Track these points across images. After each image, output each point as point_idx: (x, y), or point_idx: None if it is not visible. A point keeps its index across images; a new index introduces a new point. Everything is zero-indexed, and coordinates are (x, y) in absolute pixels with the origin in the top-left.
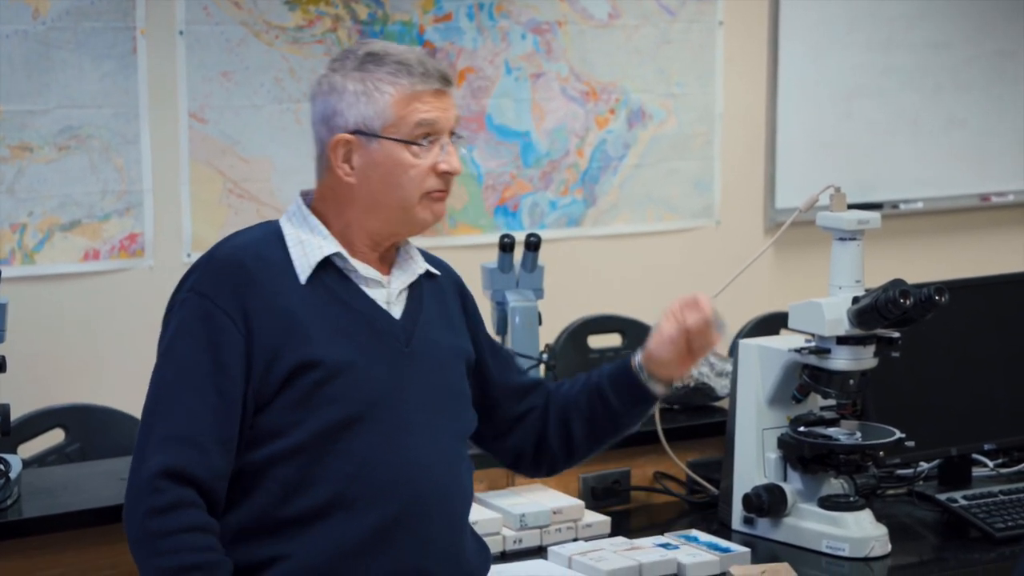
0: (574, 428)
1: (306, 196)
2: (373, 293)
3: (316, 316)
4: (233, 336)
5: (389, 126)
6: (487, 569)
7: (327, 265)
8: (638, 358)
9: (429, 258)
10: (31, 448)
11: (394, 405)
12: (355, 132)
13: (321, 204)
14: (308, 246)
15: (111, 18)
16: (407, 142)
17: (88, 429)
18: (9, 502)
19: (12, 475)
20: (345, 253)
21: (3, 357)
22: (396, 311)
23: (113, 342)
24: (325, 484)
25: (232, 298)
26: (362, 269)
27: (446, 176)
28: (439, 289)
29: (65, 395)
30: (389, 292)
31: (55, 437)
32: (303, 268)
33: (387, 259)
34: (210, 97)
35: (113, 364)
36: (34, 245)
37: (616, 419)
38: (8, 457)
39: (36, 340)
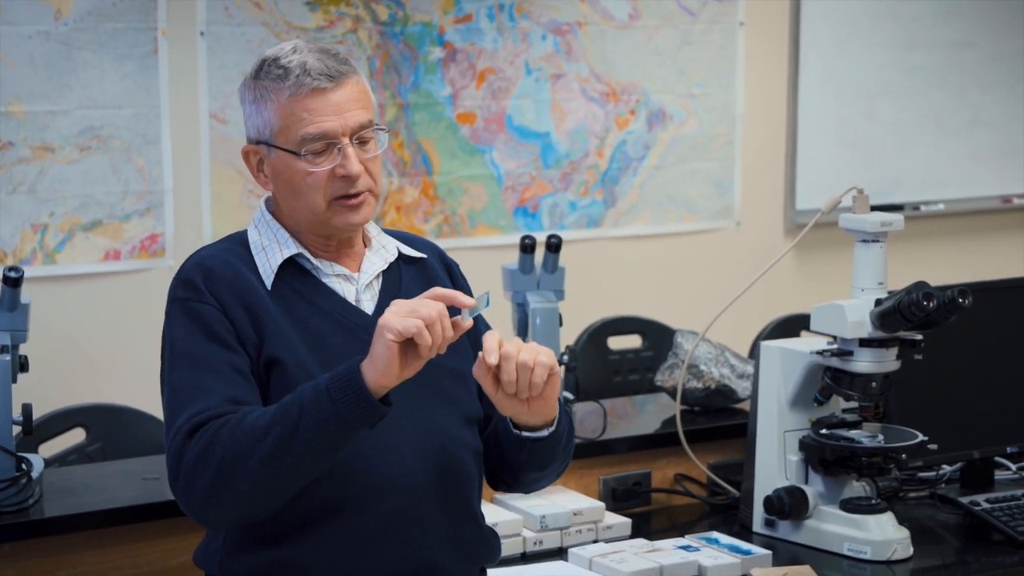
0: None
1: (269, 202)
2: (343, 289)
3: (286, 321)
4: (221, 319)
5: (278, 135)
6: (497, 552)
7: (292, 268)
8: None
9: (410, 240)
10: (52, 447)
11: None
12: (257, 143)
13: (276, 208)
14: (270, 251)
15: (132, 19)
16: (297, 154)
17: (109, 429)
18: (31, 501)
19: (34, 474)
20: (307, 253)
21: (25, 357)
22: (369, 306)
23: (134, 342)
24: (312, 491)
25: (207, 294)
26: (325, 267)
27: (348, 180)
28: (424, 271)
29: (86, 395)
30: (357, 287)
31: (76, 436)
32: (267, 273)
33: (353, 254)
34: (231, 97)
35: (134, 364)
36: (55, 245)
37: (520, 467)
38: (30, 456)
39: (57, 340)
